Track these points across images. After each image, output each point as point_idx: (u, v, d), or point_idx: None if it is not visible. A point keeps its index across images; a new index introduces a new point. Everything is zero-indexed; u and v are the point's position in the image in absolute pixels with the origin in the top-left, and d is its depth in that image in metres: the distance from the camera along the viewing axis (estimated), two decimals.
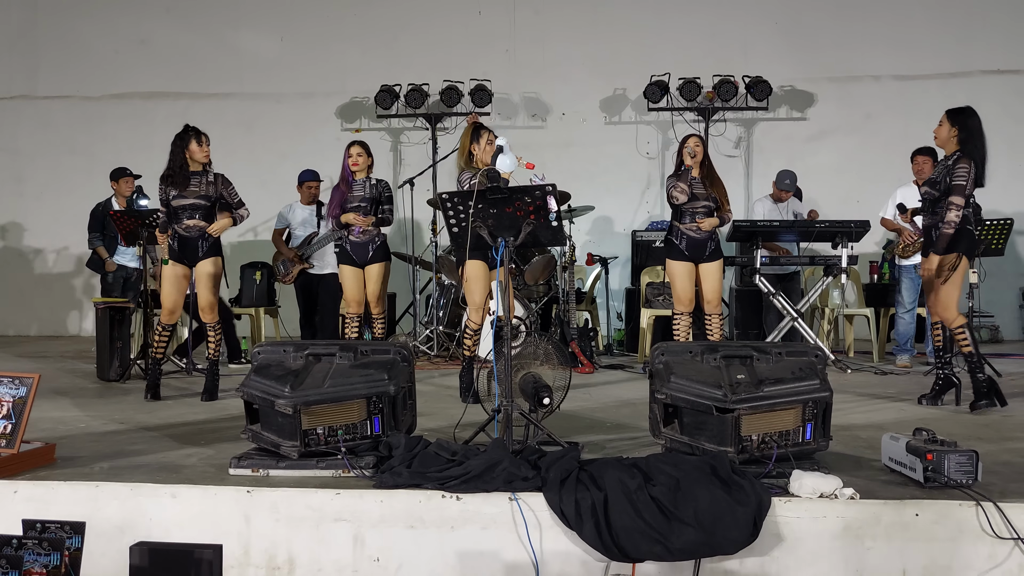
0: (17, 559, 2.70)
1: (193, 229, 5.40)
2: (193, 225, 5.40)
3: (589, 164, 9.41)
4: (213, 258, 5.47)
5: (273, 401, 3.44)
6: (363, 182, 5.91)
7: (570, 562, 3.05)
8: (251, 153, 9.68)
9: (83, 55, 10.23)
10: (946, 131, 4.83)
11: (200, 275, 5.47)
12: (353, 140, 6.01)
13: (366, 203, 5.86)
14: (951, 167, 4.74)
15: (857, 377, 6.37)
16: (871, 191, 7.80)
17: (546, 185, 3.78)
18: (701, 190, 5.83)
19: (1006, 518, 2.93)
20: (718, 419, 3.30)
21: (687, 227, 5.83)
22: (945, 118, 4.85)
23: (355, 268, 5.96)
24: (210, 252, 5.46)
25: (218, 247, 5.53)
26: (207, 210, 5.43)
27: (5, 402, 3.57)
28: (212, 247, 5.48)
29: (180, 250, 5.44)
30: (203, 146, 5.43)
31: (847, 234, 6.57)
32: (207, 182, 5.44)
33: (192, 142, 5.40)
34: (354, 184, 5.89)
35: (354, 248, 5.93)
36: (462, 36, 9.81)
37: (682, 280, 5.88)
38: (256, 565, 3.18)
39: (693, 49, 9.42)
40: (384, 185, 6.00)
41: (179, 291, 5.47)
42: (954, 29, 9.38)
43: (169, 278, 5.46)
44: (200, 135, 5.45)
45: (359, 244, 5.93)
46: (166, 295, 5.49)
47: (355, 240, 5.91)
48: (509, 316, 3.88)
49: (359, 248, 5.93)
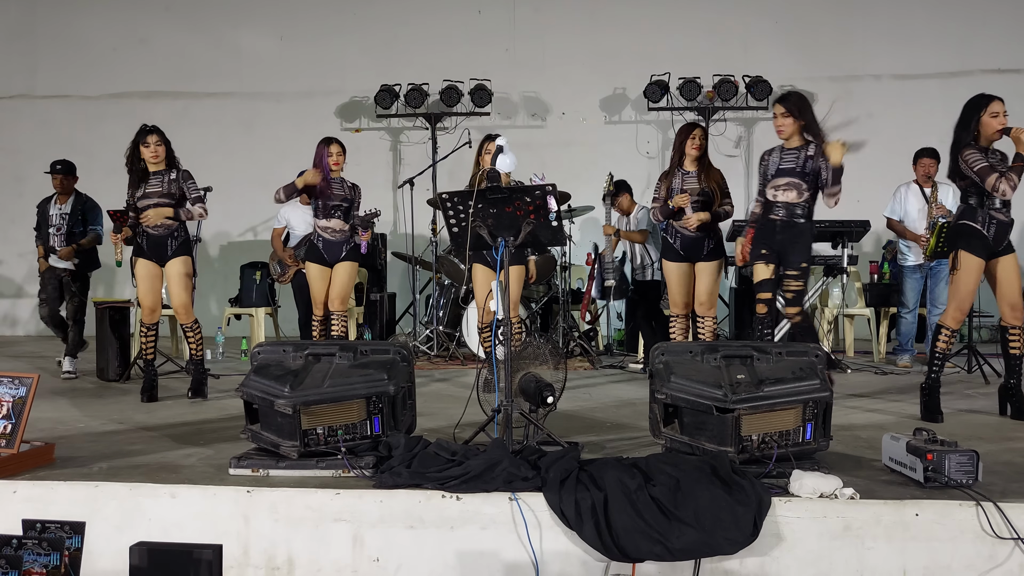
0: (17, 559, 2.70)
1: (160, 228, 5.37)
2: (159, 224, 5.37)
3: (589, 164, 9.39)
4: (183, 257, 5.43)
5: (273, 401, 3.44)
6: (340, 181, 5.83)
7: (570, 562, 3.04)
8: (251, 153, 9.68)
9: (82, 54, 10.23)
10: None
11: (170, 275, 5.43)
12: (330, 137, 5.87)
13: (346, 204, 5.80)
14: None
15: (857, 377, 6.37)
16: (871, 191, 7.79)
17: (546, 185, 3.78)
18: (694, 184, 5.57)
19: (1006, 518, 2.93)
20: (718, 419, 3.30)
21: (680, 224, 5.60)
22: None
23: (323, 267, 5.82)
24: (179, 251, 5.42)
25: (187, 246, 5.50)
26: (172, 208, 5.39)
27: (5, 402, 3.57)
28: (181, 246, 5.44)
29: (148, 250, 5.42)
30: (150, 147, 5.34)
31: (847, 234, 6.56)
32: (169, 180, 5.39)
33: (140, 145, 5.38)
34: (332, 183, 5.78)
35: (326, 246, 5.81)
36: (462, 35, 9.81)
37: (676, 282, 5.65)
38: (256, 565, 3.18)
39: (693, 48, 9.42)
40: (358, 190, 5.93)
41: (155, 289, 5.47)
42: (955, 28, 9.38)
43: (143, 277, 5.46)
44: (147, 134, 5.38)
45: (332, 243, 5.80)
46: (142, 294, 5.48)
47: (328, 239, 5.80)
48: (509, 316, 3.88)
49: (332, 247, 5.80)
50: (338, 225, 5.78)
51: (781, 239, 4.97)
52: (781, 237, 4.97)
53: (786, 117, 4.95)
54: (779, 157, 5.03)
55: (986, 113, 4.50)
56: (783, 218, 4.97)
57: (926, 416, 4.63)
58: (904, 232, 7.00)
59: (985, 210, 4.51)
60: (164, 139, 5.44)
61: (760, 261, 5.02)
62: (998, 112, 4.48)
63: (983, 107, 4.52)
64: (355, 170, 7.87)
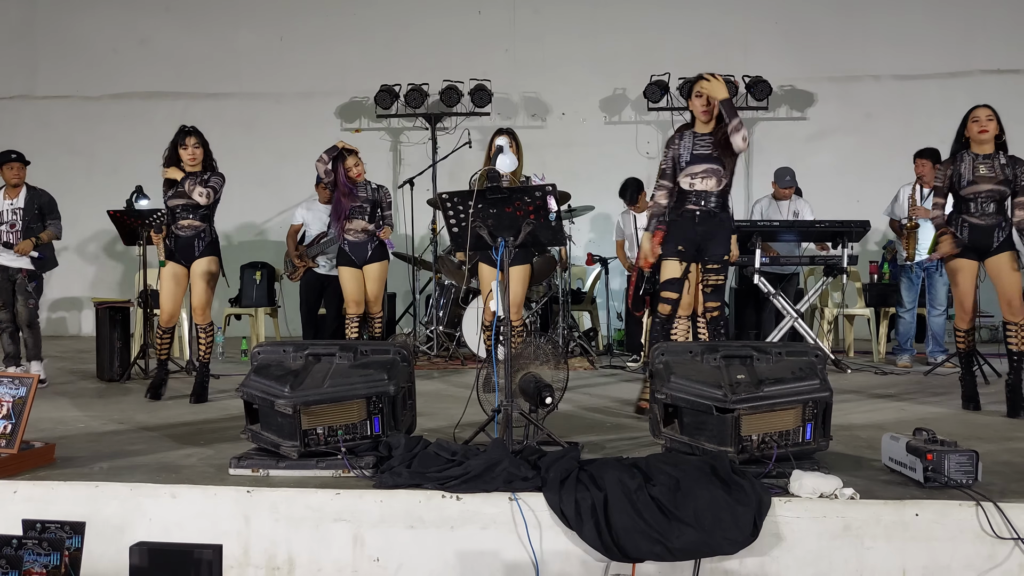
0: (17, 559, 2.70)
1: (188, 229, 5.38)
2: (187, 225, 5.38)
3: (589, 164, 9.40)
4: (209, 257, 5.42)
5: (273, 401, 3.44)
6: (364, 186, 5.92)
7: (570, 562, 3.05)
8: (251, 153, 9.68)
9: (82, 55, 10.23)
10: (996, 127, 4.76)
11: (195, 274, 5.41)
12: (346, 148, 5.81)
13: (367, 204, 5.88)
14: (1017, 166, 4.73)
15: (857, 377, 6.37)
16: (871, 191, 7.80)
17: (546, 185, 3.78)
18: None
19: (1006, 518, 2.93)
20: (718, 419, 3.30)
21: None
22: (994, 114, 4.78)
23: (354, 268, 5.95)
24: (207, 251, 5.42)
25: (215, 247, 5.49)
26: (201, 208, 5.38)
27: (5, 402, 3.57)
28: (209, 246, 5.43)
29: (176, 250, 5.42)
30: (187, 149, 5.33)
31: (847, 234, 6.57)
32: (201, 180, 5.38)
33: (179, 146, 5.35)
34: (355, 189, 5.86)
35: (352, 248, 5.93)
36: (462, 36, 9.82)
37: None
38: (256, 565, 3.18)
39: (693, 49, 9.42)
40: (385, 191, 6.01)
41: (176, 295, 5.45)
42: (954, 29, 9.39)
43: (167, 279, 5.43)
44: (186, 135, 5.34)
45: (357, 244, 5.91)
46: (165, 297, 5.46)
47: (352, 240, 5.91)
48: (508, 316, 3.88)
49: (357, 248, 5.92)
50: (360, 226, 5.86)
51: (702, 231, 4.61)
52: (702, 228, 4.61)
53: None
54: (691, 142, 4.63)
55: (970, 119, 4.81)
56: (703, 208, 4.60)
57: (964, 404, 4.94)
58: (901, 232, 7.03)
59: (958, 213, 4.82)
60: (203, 141, 5.40)
61: (674, 257, 4.65)
62: (979, 117, 4.78)
63: (968, 115, 4.84)
64: None
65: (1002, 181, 4.71)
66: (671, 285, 4.66)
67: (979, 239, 4.76)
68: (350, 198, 5.83)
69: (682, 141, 4.68)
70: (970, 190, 4.74)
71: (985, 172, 4.73)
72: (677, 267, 4.65)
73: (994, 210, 4.74)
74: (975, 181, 4.73)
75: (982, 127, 4.74)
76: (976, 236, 4.76)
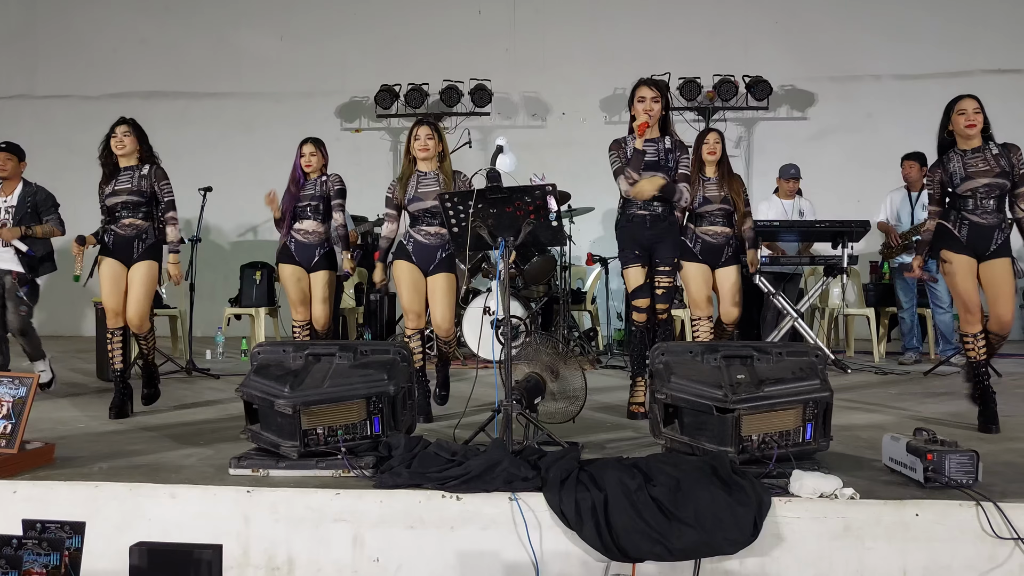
0: (17, 559, 2.70)
1: (129, 228, 4.92)
2: (128, 224, 4.92)
3: (589, 164, 9.38)
4: (148, 261, 4.93)
5: (273, 401, 3.44)
6: (315, 181, 5.40)
7: (570, 562, 3.04)
8: (250, 153, 9.68)
9: (82, 54, 10.24)
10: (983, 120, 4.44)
11: (132, 278, 4.92)
12: (306, 138, 5.53)
13: (316, 201, 5.36)
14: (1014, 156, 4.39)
15: (857, 377, 6.37)
16: (871, 191, 7.80)
17: (546, 185, 3.78)
18: (715, 191, 5.24)
19: (1006, 518, 2.93)
20: (718, 419, 3.30)
21: (703, 230, 5.20)
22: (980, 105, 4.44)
23: (295, 267, 5.37)
24: (145, 255, 4.93)
25: (156, 251, 4.99)
26: (142, 207, 4.93)
27: (5, 402, 3.57)
28: (149, 249, 4.95)
29: (115, 250, 4.95)
30: (116, 136, 4.89)
31: (847, 234, 6.57)
32: (140, 176, 4.93)
33: (110, 137, 4.92)
34: (305, 184, 5.42)
35: (298, 248, 5.38)
36: (462, 35, 9.82)
37: (697, 283, 5.15)
38: (256, 565, 3.17)
39: (693, 48, 9.42)
40: (335, 179, 5.43)
41: (118, 291, 4.94)
42: (955, 28, 9.39)
43: (107, 277, 4.94)
44: (116, 125, 4.92)
45: (305, 245, 5.37)
46: (105, 296, 4.96)
47: (300, 240, 5.37)
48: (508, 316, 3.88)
49: (304, 249, 5.38)
50: (310, 227, 5.35)
51: (651, 234, 4.68)
52: (651, 232, 4.68)
53: (656, 103, 4.62)
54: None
55: (955, 112, 4.45)
56: (651, 212, 4.66)
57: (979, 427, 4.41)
58: (891, 233, 7.06)
59: (957, 211, 4.45)
60: (136, 130, 4.96)
61: (635, 264, 4.69)
62: (965, 109, 4.40)
63: (952, 107, 4.48)
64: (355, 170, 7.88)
65: (999, 173, 4.34)
66: (640, 293, 4.71)
67: (977, 240, 4.39)
68: (299, 189, 5.38)
69: (626, 148, 4.76)
70: (966, 187, 4.38)
71: (979, 167, 4.37)
72: (640, 274, 4.71)
73: (994, 207, 4.37)
74: (970, 177, 4.38)
75: (969, 121, 4.38)
76: (974, 236, 4.39)
